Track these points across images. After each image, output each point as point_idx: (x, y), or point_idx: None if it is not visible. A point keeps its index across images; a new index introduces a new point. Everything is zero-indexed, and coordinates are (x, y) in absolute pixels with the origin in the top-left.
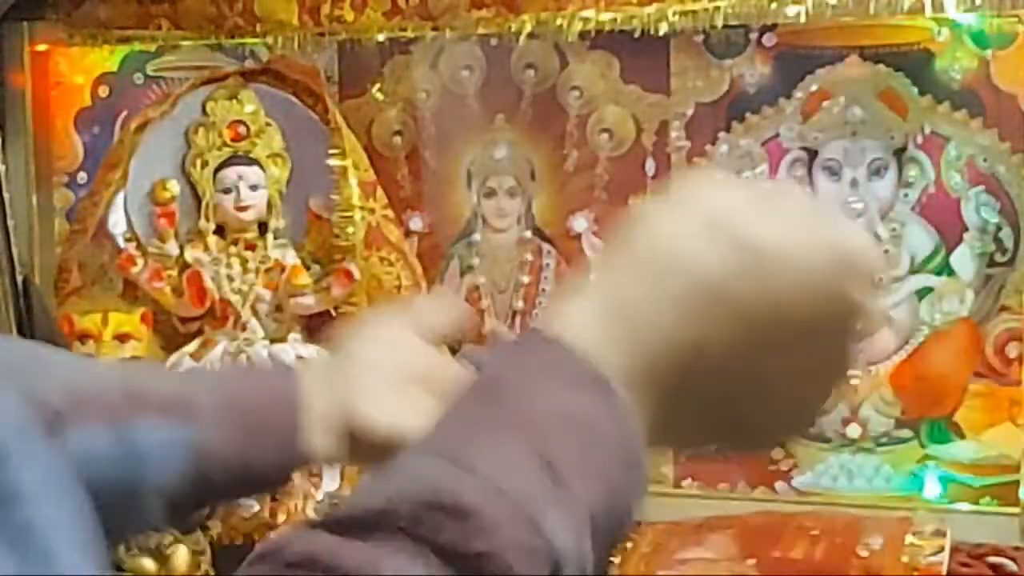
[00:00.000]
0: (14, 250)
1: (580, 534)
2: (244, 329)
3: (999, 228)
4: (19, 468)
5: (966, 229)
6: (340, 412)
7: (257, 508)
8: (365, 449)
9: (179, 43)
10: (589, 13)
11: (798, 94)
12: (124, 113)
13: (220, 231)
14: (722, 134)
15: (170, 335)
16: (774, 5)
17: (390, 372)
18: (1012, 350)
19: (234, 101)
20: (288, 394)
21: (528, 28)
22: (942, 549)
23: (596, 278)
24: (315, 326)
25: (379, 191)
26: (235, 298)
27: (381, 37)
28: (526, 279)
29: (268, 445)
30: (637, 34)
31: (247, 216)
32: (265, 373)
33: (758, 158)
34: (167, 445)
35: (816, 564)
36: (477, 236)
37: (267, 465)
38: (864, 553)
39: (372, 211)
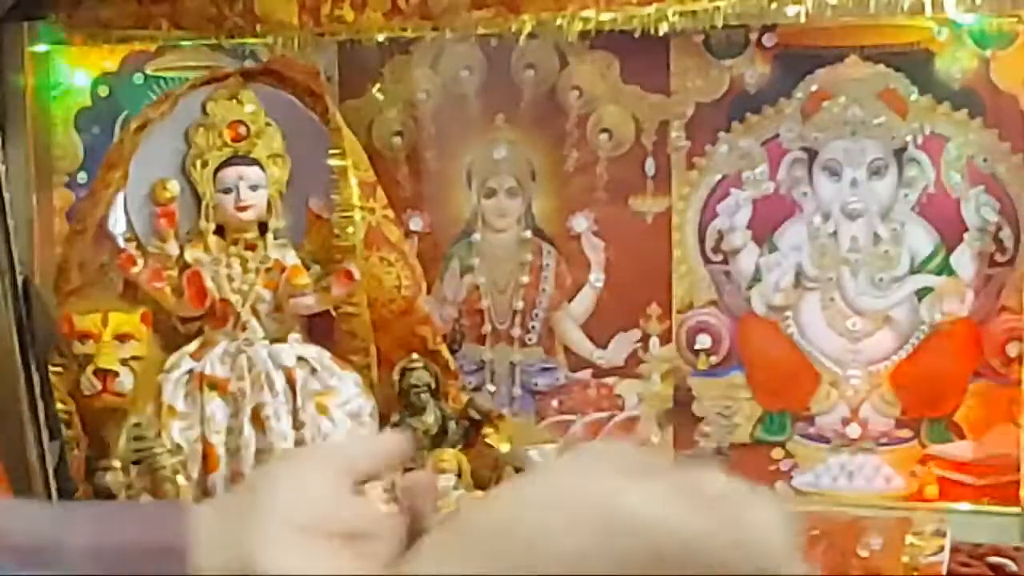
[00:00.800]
0: (14, 250)
1: None
2: (244, 329)
3: (999, 228)
4: None
5: (966, 229)
6: (235, 563)
7: None
8: None
9: (179, 43)
10: (589, 13)
11: (798, 94)
12: (124, 113)
13: (220, 231)
14: (722, 134)
15: (170, 335)
16: (774, 5)
17: (298, 521)
18: (1012, 350)
19: (234, 101)
20: (174, 539)
21: (528, 28)
22: (942, 549)
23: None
24: (315, 326)
25: (379, 191)
26: (235, 298)
27: (381, 37)
28: (526, 279)
29: None
30: (637, 34)
31: (247, 216)
32: (151, 512)
33: (758, 158)
34: None
35: (816, 564)
36: (477, 236)
37: None
38: (864, 553)
39: (372, 211)
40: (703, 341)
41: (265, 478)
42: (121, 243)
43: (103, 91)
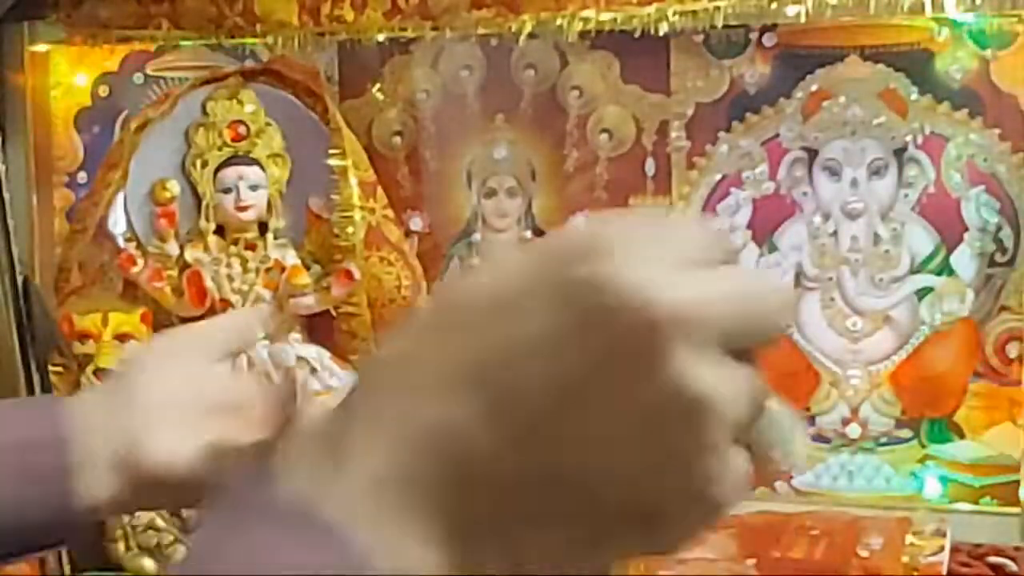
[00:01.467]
0: (14, 250)
1: None
2: None
3: (999, 228)
4: None
5: (966, 229)
6: (123, 451)
7: None
8: (155, 490)
9: (179, 43)
10: (589, 13)
11: (798, 94)
12: (124, 113)
13: (220, 231)
14: (722, 134)
15: None
16: (774, 5)
17: (178, 402)
18: (1012, 350)
19: (234, 101)
20: (56, 431)
21: (528, 28)
22: (942, 549)
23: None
24: (315, 326)
25: (379, 191)
26: (235, 298)
27: (381, 37)
28: None
29: (31, 489)
30: (637, 34)
31: (247, 216)
32: (28, 408)
33: (758, 158)
34: None
35: (816, 564)
36: (477, 236)
37: (32, 513)
38: (864, 553)
39: (372, 211)
40: None
41: (136, 365)
42: (121, 243)
43: (103, 91)
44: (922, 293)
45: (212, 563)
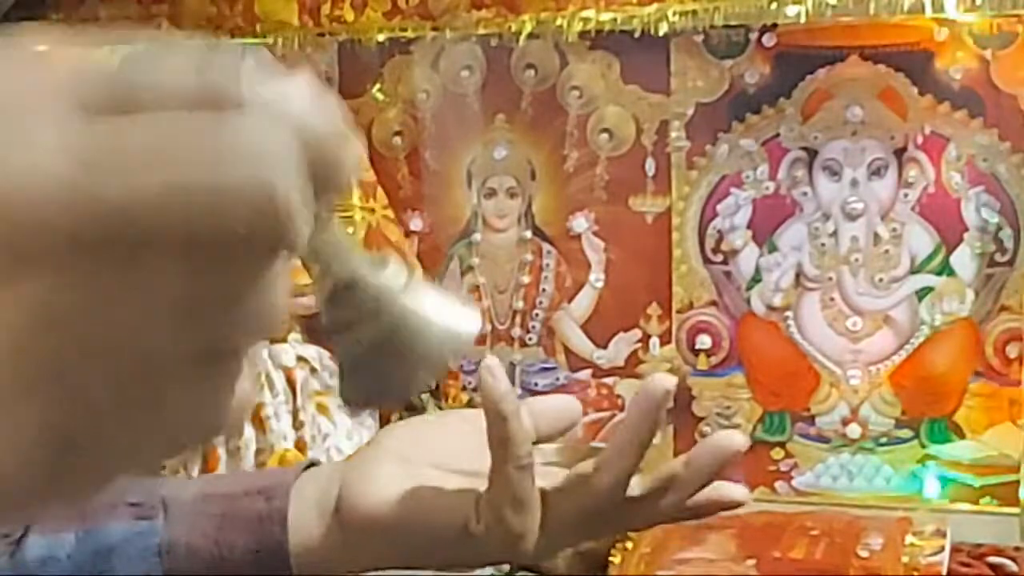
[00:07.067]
0: None
1: None
2: None
3: (999, 228)
4: None
5: (966, 229)
6: (332, 495)
7: None
8: (362, 539)
9: None
10: (589, 13)
11: (798, 94)
12: None
13: None
14: (722, 134)
15: None
16: (774, 5)
17: (407, 453)
18: (1012, 350)
19: None
20: (275, 483)
21: (528, 28)
22: (942, 549)
23: None
24: (315, 326)
25: (379, 191)
26: None
27: (381, 37)
28: (526, 279)
29: (240, 533)
30: (637, 34)
31: None
32: (268, 470)
33: (758, 158)
34: (133, 543)
35: (816, 564)
36: (477, 236)
37: (240, 554)
38: (864, 553)
39: (372, 211)
40: (703, 341)
41: (393, 429)
42: None
43: None
44: (922, 293)
45: None
